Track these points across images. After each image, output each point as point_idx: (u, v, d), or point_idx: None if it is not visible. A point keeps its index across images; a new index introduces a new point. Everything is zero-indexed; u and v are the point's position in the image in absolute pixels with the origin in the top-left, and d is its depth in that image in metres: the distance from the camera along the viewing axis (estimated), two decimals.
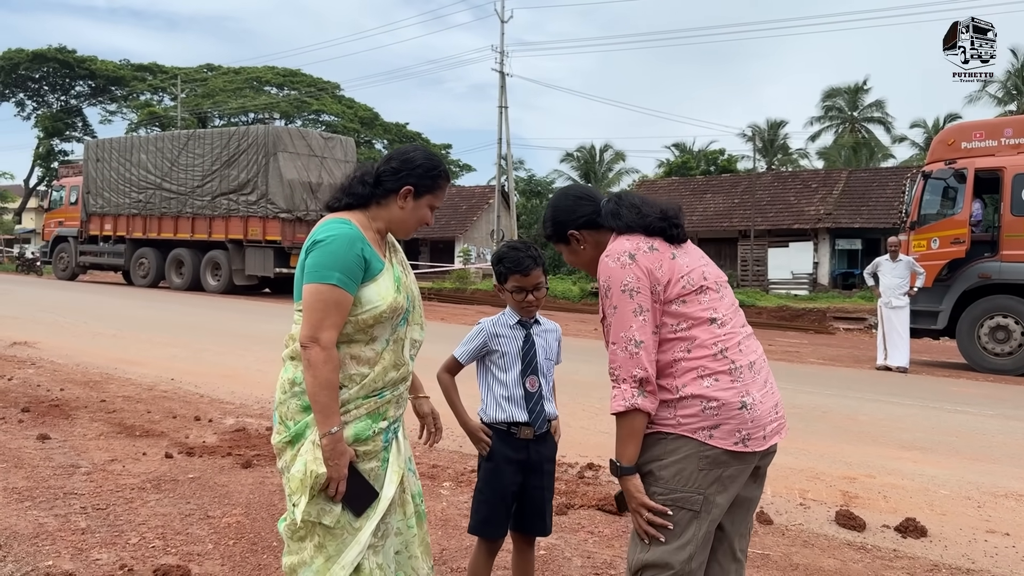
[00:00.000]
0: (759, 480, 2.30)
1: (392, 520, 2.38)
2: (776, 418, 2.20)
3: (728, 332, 2.16)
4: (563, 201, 2.42)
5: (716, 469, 2.09)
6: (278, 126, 28.62)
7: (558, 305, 23.78)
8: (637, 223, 2.23)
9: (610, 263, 2.16)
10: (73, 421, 6.07)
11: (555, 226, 2.40)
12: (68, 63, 51.85)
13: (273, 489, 4.48)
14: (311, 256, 2.26)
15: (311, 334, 2.20)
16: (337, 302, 2.21)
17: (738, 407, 2.09)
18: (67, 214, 27.63)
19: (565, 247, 2.41)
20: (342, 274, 2.21)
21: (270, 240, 21.70)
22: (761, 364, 2.22)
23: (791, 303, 24.10)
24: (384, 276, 2.32)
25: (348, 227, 2.28)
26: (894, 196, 30.08)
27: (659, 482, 2.12)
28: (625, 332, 2.09)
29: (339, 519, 2.25)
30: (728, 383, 2.10)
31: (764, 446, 2.14)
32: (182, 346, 10.57)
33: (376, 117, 56.99)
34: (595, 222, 2.34)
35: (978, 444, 6.53)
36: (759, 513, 4.38)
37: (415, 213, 2.38)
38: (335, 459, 2.20)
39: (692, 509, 2.10)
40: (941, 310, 11.95)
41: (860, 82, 48.64)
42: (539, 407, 2.85)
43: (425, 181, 2.36)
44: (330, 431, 2.19)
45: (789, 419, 7.41)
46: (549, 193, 48.30)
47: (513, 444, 2.82)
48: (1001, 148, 11.82)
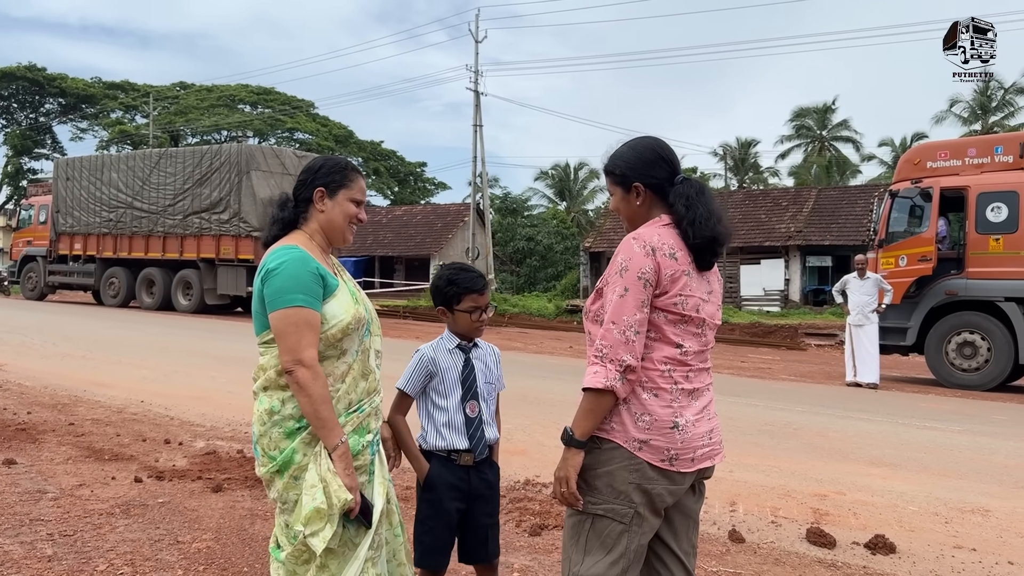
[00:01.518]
0: (698, 494, 2.33)
1: (383, 531, 2.43)
2: (709, 443, 2.22)
3: (685, 361, 2.18)
4: (647, 153, 2.31)
5: (645, 483, 2.11)
6: (251, 144, 28.48)
7: (533, 323, 23.81)
8: (692, 226, 2.19)
9: (636, 247, 2.14)
10: (40, 445, 5.98)
11: (626, 170, 2.30)
12: (38, 81, 51.40)
13: (244, 513, 4.44)
14: (269, 285, 2.29)
15: (293, 357, 2.23)
16: (307, 321, 2.26)
17: (670, 426, 2.13)
18: (36, 233, 27.25)
19: (621, 192, 2.32)
20: (304, 294, 2.26)
21: (243, 259, 21.55)
22: (704, 393, 2.24)
23: (763, 319, 24.33)
24: (341, 291, 2.39)
25: (296, 250, 2.34)
26: (863, 214, 30.56)
27: (592, 492, 2.15)
28: (628, 316, 2.09)
29: (341, 538, 2.29)
30: (668, 401, 2.14)
31: (691, 468, 2.16)
32: (152, 367, 10.45)
33: (351, 135, 56.99)
34: (663, 189, 2.28)
35: (946, 460, 6.62)
36: (731, 531, 4.41)
37: (337, 210, 2.44)
38: (349, 468, 2.26)
39: (622, 522, 2.12)
40: (910, 326, 12.14)
41: (829, 102, 49.48)
42: (479, 433, 2.82)
43: (333, 177, 2.44)
44: (340, 441, 2.25)
45: (760, 436, 7.41)
46: (525, 211, 48.52)
47: (453, 471, 2.78)
48: (965, 167, 12.05)
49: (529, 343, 17.53)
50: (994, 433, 8.00)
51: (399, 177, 60.72)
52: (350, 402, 2.36)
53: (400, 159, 60.85)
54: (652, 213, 2.29)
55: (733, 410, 8.48)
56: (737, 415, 8.16)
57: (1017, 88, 40.23)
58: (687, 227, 2.19)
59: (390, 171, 59.46)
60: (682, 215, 2.21)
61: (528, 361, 13.35)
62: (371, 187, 58.27)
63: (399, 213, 44.89)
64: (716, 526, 4.58)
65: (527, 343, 17.52)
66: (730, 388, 10.77)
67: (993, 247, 11.64)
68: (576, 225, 46.09)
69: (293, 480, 2.28)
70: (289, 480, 2.28)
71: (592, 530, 2.15)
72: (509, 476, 5.53)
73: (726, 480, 5.56)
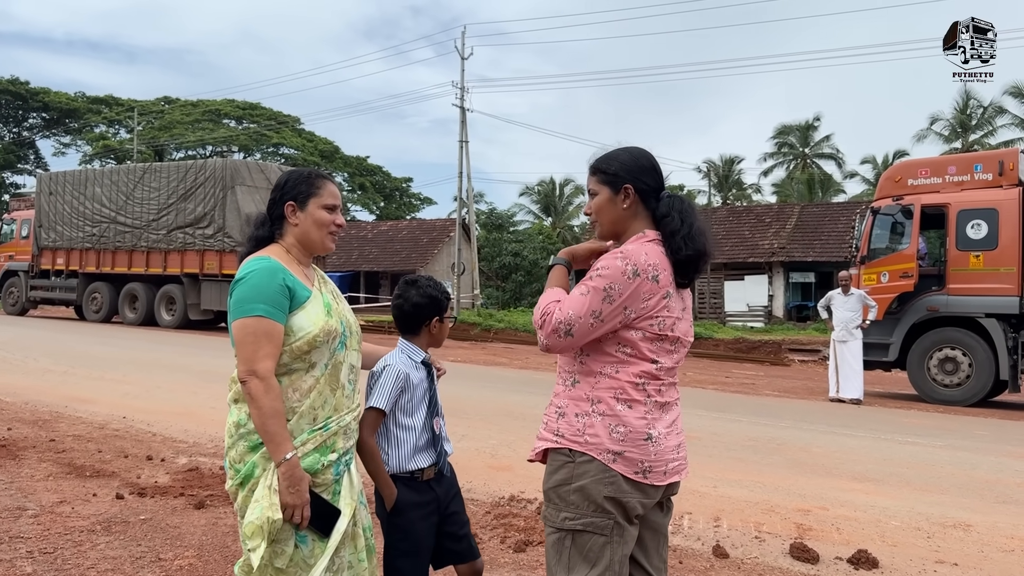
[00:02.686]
0: (666, 510, 2.34)
1: (345, 554, 2.39)
2: (677, 458, 2.24)
3: (658, 376, 2.20)
4: (642, 159, 2.30)
5: (619, 496, 2.12)
6: (236, 159, 28.41)
7: (518, 338, 23.82)
8: (687, 240, 2.19)
9: (618, 262, 2.13)
10: (21, 461, 5.92)
11: (620, 170, 2.28)
12: (21, 95, 51.16)
13: (227, 530, 4.41)
14: (233, 294, 2.30)
15: (247, 368, 2.22)
16: (267, 332, 2.24)
17: (644, 438, 2.14)
18: (17, 248, 27.03)
19: (609, 192, 2.29)
20: (267, 304, 2.25)
21: (226, 274, 21.41)
22: (673, 407, 2.26)
23: (747, 335, 24.43)
24: (312, 303, 2.36)
25: (267, 260, 2.34)
26: (845, 230, 30.78)
27: (569, 507, 2.15)
28: (575, 311, 2.11)
29: (291, 558, 2.26)
30: (642, 412, 2.15)
31: (663, 482, 2.18)
32: (134, 383, 10.37)
33: (337, 150, 57.01)
34: (649, 199, 2.28)
35: (928, 475, 6.66)
36: (715, 547, 4.42)
37: (310, 221, 2.44)
38: (295, 485, 2.22)
39: (603, 534, 2.12)
40: (892, 342, 12.24)
41: (811, 119, 49.93)
42: (441, 447, 2.74)
43: (300, 188, 2.45)
44: (285, 458, 2.21)
45: (744, 451, 7.44)
46: (510, 226, 48.59)
47: (418, 488, 2.67)
48: (946, 185, 12.21)
49: (515, 358, 17.53)
50: (975, 448, 8.06)
51: (385, 192, 60.74)
52: (315, 418, 2.32)
53: (386, 174, 60.90)
54: (635, 222, 2.28)
55: (717, 425, 8.51)
56: (721, 430, 8.19)
57: (996, 108, 40.79)
58: (681, 240, 2.18)
59: (376, 186, 59.48)
60: (676, 227, 2.20)
61: (513, 377, 13.35)
62: (357, 202, 58.22)
63: (385, 228, 44.86)
64: (700, 541, 4.59)
65: (512, 358, 17.52)
66: (714, 403, 10.80)
67: (973, 264, 11.77)
68: (562, 241, 46.16)
69: (250, 493, 2.27)
70: (247, 493, 2.28)
71: (574, 546, 2.15)
72: (494, 492, 5.52)
73: (710, 495, 5.57)
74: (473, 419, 8.40)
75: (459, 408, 8.88)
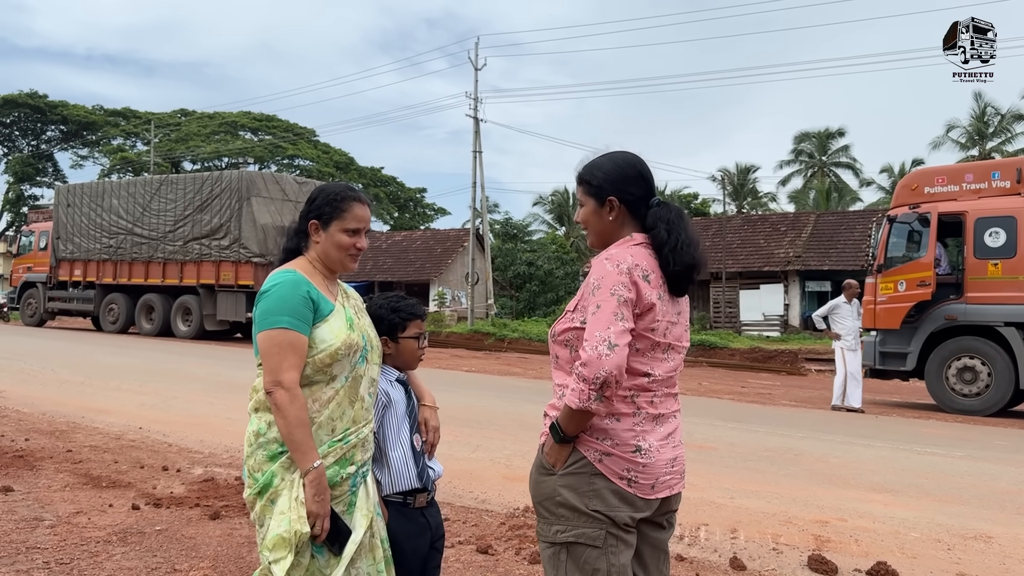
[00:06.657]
0: (667, 526, 2.30)
1: (363, 565, 2.38)
2: (671, 472, 2.18)
3: (650, 387, 2.15)
4: (627, 168, 2.24)
5: (607, 511, 2.08)
6: (251, 171, 28.66)
7: (532, 347, 23.79)
8: (674, 252, 2.15)
9: (608, 266, 2.08)
10: (38, 472, 5.95)
11: (603, 182, 2.23)
12: (40, 108, 51.73)
13: (242, 541, 4.41)
14: (258, 306, 2.34)
15: (273, 378, 2.25)
16: (291, 343, 2.27)
17: (632, 450, 2.10)
18: (36, 259, 27.32)
19: (594, 204, 2.24)
20: (291, 317, 2.29)
21: (242, 285, 21.57)
22: (670, 420, 2.21)
23: (763, 344, 24.29)
24: (335, 316, 2.39)
25: (292, 274, 2.38)
26: (862, 239, 30.62)
27: (559, 520, 2.13)
28: (601, 331, 2.00)
29: (308, 568, 2.26)
30: (630, 424, 2.11)
31: (650, 496, 2.13)
32: (151, 393, 10.43)
33: (352, 162, 57.27)
34: (637, 208, 2.23)
35: (947, 486, 6.58)
36: (732, 558, 4.38)
37: (330, 242, 2.46)
38: (320, 495, 2.24)
39: (595, 545, 2.09)
40: (910, 351, 12.12)
41: (833, 128, 49.66)
42: (423, 466, 2.65)
43: (325, 209, 2.46)
44: (312, 466, 2.23)
45: (761, 462, 7.39)
46: (525, 236, 48.62)
47: (411, 517, 2.61)
48: (963, 193, 12.11)
49: (529, 368, 17.50)
50: (996, 459, 7.97)
51: (399, 203, 60.93)
52: (333, 429, 2.34)
53: (400, 185, 61.11)
54: (623, 231, 2.24)
55: (734, 436, 8.45)
56: (737, 441, 8.13)
57: (1014, 114, 40.50)
58: (668, 253, 2.14)
59: (390, 197, 59.69)
60: (663, 240, 2.16)
61: (527, 387, 13.33)
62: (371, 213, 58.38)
63: (399, 239, 44.99)
64: (717, 553, 4.55)
65: (527, 368, 17.49)
66: (730, 414, 10.74)
67: (992, 272, 11.66)
68: (575, 250, 46.19)
69: (270, 503, 2.28)
70: (266, 503, 2.28)
71: (569, 559, 2.11)
72: (508, 503, 5.50)
73: (727, 507, 5.53)
74: (488, 429, 8.39)
75: (473, 418, 8.86)
